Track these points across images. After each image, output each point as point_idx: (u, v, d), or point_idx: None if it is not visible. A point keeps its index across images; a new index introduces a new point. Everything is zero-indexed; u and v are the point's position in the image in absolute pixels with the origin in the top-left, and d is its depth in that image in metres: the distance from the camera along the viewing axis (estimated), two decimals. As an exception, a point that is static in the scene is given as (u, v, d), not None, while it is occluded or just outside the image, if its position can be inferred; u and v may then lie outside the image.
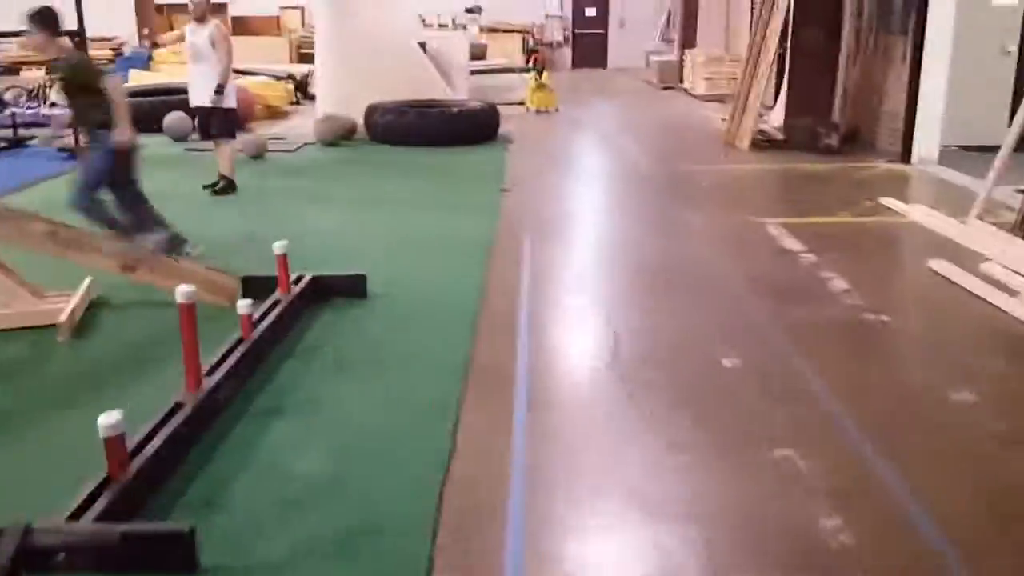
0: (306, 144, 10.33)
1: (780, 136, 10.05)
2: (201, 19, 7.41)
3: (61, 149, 9.31)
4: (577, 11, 24.48)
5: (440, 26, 22.19)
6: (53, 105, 13.27)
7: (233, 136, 7.72)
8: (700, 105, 14.76)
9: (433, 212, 6.94)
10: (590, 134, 12.01)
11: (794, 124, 9.93)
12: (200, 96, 7.53)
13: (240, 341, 3.79)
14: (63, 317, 4.27)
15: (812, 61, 9.77)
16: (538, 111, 13.81)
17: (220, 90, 7.33)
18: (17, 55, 23.02)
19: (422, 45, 13.25)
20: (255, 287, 4.68)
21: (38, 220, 4.36)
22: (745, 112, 10.17)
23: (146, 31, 17.55)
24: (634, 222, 6.91)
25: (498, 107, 11.40)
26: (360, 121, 10.63)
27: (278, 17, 23.80)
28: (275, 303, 4.32)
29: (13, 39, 23.07)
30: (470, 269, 5.33)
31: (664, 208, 7.26)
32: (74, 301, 4.48)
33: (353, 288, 4.85)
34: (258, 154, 9.35)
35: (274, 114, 13.26)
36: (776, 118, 10.97)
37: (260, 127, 11.95)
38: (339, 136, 10.31)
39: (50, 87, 14.43)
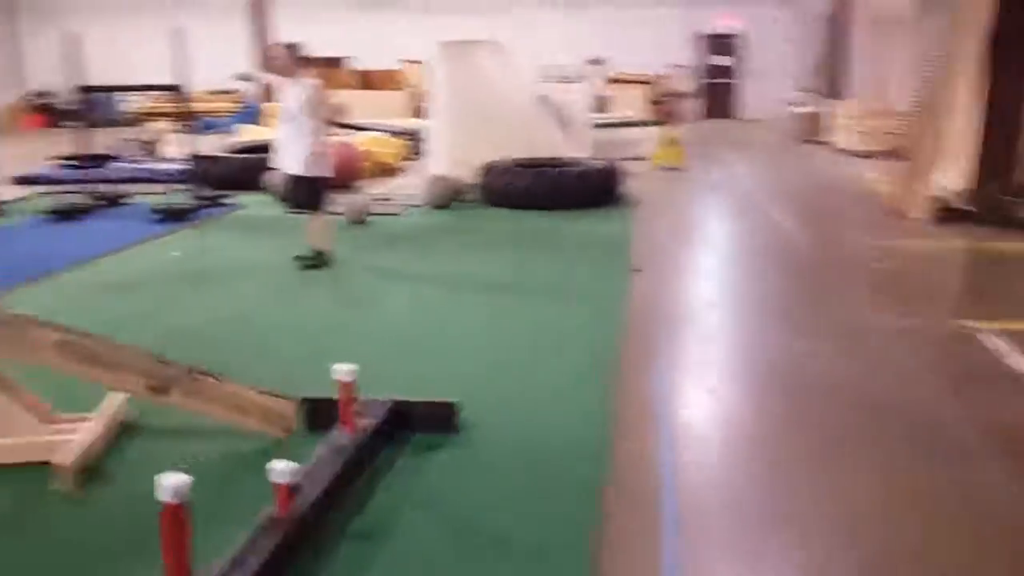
0: (413, 206, 9.43)
1: (965, 205, 8.42)
2: (286, 74, 6.59)
3: (156, 210, 8.70)
4: (706, 59, 23.21)
5: (562, 78, 21.39)
6: (165, 159, 13.03)
7: (322, 208, 6.83)
8: (848, 162, 13.18)
9: (545, 301, 5.74)
10: (726, 196, 10.67)
11: (986, 191, 8.30)
12: (288, 162, 6.70)
13: (272, 524, 2.70)
14: (65, 456, 3.31)
15: (1011, 116, 8.17)
16: (665, 168, 12.57)
17: (313, 159, 6.51)
18: (145, 107, 23.66)
19: (542, 98, 12.30)
20: (320, 415, 3.63)
21: (48, 329, 3.44)
22: (918, 174, 8.63)
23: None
24: (800, 324, 5.45)
25: (622, 165, 10.24)
26: (473, 181, 9.69)
27: (399, 71, 23.58)
28: (329, 457, 3.21)
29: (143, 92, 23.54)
30: (591, 390, 4.12)
31: (837, 304, 5.83)
32: (90, 430, 3.54)
33: (441, 420, 3.72)
34: (359, 219, 8.49)
35: (385, 171, 12.52)
36: (952, 182, 9.35)
37: (368, 186, 11.19)
38: (449, 198, 9.36)
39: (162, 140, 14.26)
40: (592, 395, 4.06)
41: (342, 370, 3.39)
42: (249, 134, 13.54)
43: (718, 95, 23.19)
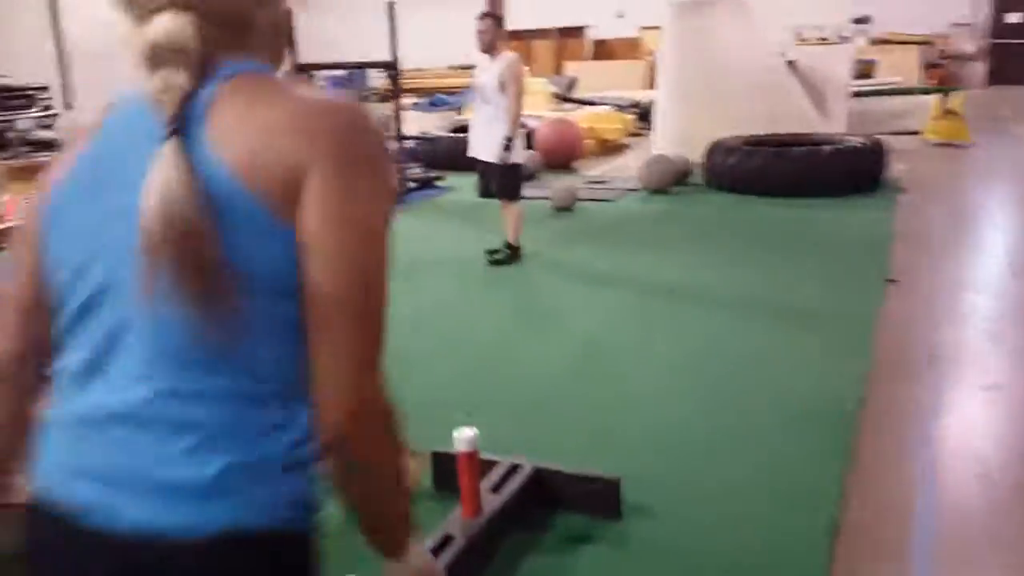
0: (629, 190, 8.43)
1: None
2: (490, 50, 5.80)
3: None
4: (995, 16, 19.90)
5: (820, 40, 19.20)
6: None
7: (518, 198, 6.04)
8: None
9: (767, 323, 4.51)
10: (1020, 183, 8.66)
11: None
12: (481, 147, 5.97)
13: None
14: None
15: None
16: (941, 144, 10.58)
17: (508, 145, 5.70)
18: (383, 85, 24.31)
19: (791, 64, 10.77)
20: (452, 475, 2.84)
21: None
22: None
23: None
24: None
25: (887, 142, 8.58)
26: (698, 161, 8.52)
27: (638, 39, 22.41)
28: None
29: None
30: (815, 472, 2.99)
31: None
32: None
33: (597, 500, 2.79)
34: (566, 206, 7.65)
35: (609, 149, 11.60)
36: None
37: (587, 166, 10.33)
38: (669, 182, 8.26)
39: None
40: (817, 480, 2.92)
41: (463, 439, 2.56)
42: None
43: (1009, 57, 19.82)
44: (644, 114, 13.19)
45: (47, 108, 14.04)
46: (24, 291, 1.00)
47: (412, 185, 8.85)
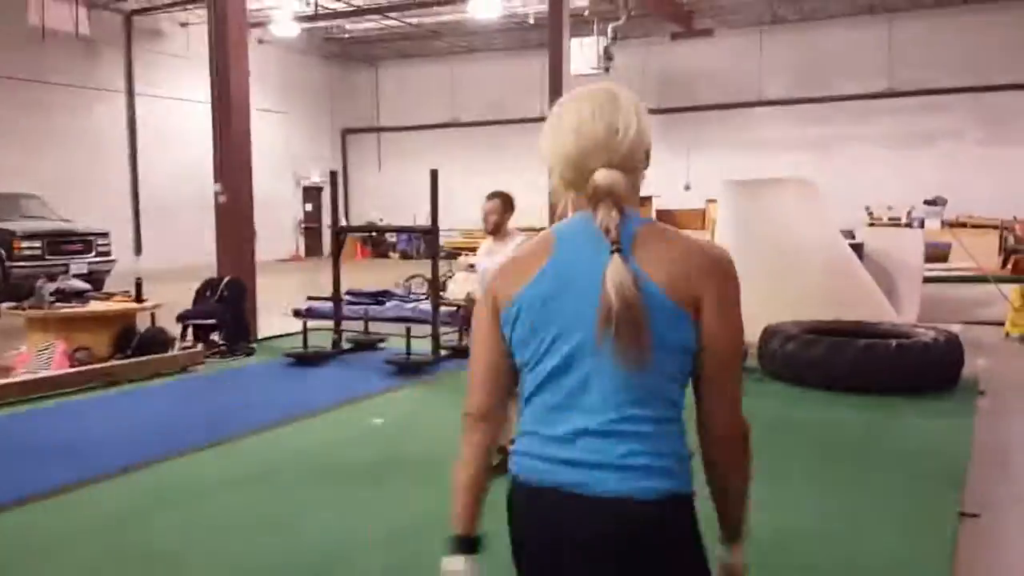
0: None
1: None
2: (497, 232, 5.17)
3: (390, 362, 7.93)
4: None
5: (891, 220, 18.71)
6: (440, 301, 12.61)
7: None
8: None
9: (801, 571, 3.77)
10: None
11: None
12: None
13: None
14: None
15: None
16: (1025, 341, 9.72)
17: None
18: (462, 241, 24.55)
19: (857, 247, 10.22)
20: None
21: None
22: None
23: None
24: None
25: (963, 335, 7.82)
26: (755, 344, 7.86)
27: (703, 210, 22.32)
28: None
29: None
30: None
31: None
32: None
33: None
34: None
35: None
36: None
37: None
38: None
39: (450, 277, 13.99)
40: None
41: None
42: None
43: (1099, 244, 18.87)
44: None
45: (103, 254, 14.35)
46: (494, 361, 1.58)
47: (447, 353, 8.40)
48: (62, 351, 7.75)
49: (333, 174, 8.89)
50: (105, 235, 14.13)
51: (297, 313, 11.99)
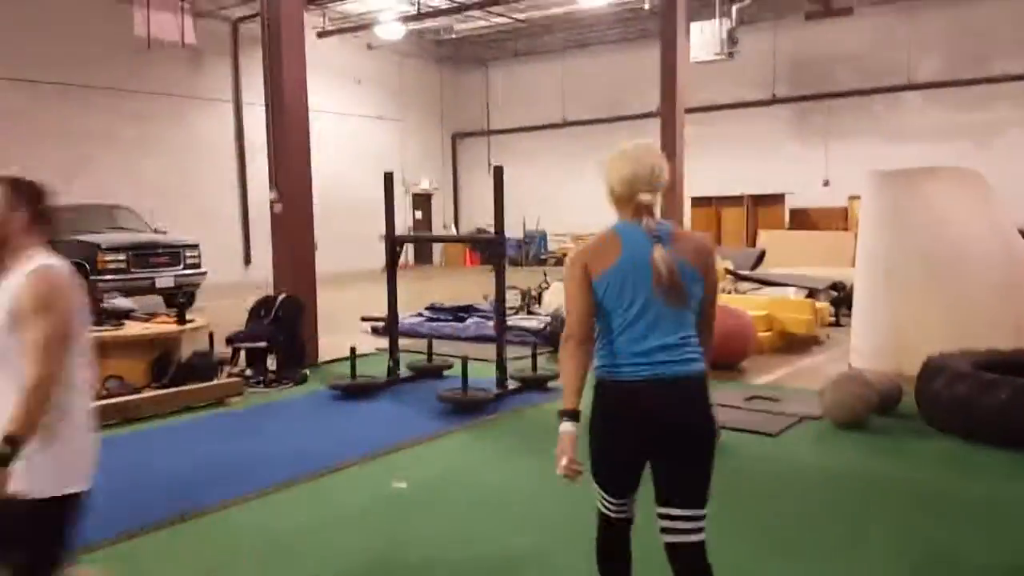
0: (806, 418, 6.13)
1: None
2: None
3: (444, 398, 6.62)
4: None
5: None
6: (538, 314, 11.25)
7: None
8: None
9: None
10: None
11: None
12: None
13: None
14: None
15: None
16: None
17: None
18: (571, 247, 23.15)
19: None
20: None
21: None
22: None
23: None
24: None
25: None
26: (911, 374, 6.11)
27: (846, 208, 20.00)
28: None
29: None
30: None
31: None
32: None
33: None
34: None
35: (793, 345, 9.30)
36: None
37: (759, 368, 8.10)
38: (862, 415, 5.89)
39: (547, 288, 12.62)
40: None
41: None
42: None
43: None
44: (847, 299, 10.80)
45: (192, 266, 13.79)
46: (587, 306, 2.55)
47: (514, 386, 7.06)
48: (86, 382, 6.87)
49: (388, 176, 7.68)
50: (194, 247, 13.54)
51: (375, 330, 10.97)
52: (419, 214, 25.06)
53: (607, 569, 2.76)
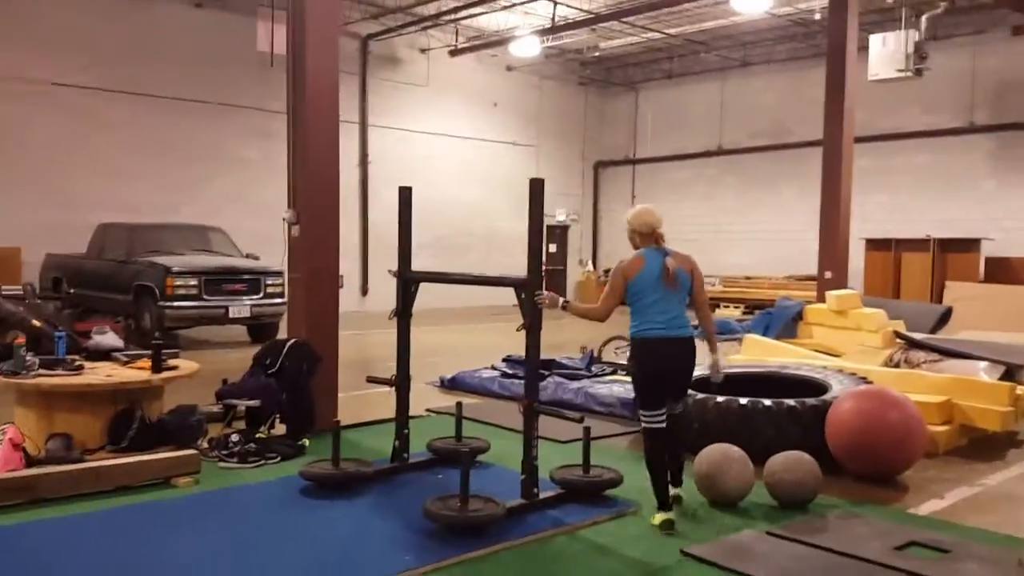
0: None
1: None
2: None
3: (431, 515, 4.58)
4: None
5: None
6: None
7: None
8: None
9: None
10: None
11: None
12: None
13: None
14: None
15: None
16: None
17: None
18: (722, 290, 20.50)
19: None
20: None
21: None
22: None
23: (827, 274, 12.45)
24: None
25: None
26: None
27: (1062, 259, 16.38)
28: None
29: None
30: None
31: None
32: None
33: None
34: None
35: (981, 445, 6.69)
36: None
37: (926, 485, 5.62)
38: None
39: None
40: None
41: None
42: (754, 350, 8.84)
43: None
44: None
45: (273, 295, 12.55)
46: (616, 295, 4.73)
47: (551, 492, 4.96)
48: (10, 440, 5.43)
49: (405, 190, 5.75)
50: (277, 274, 12.24)
51: (443, 383, 9.18)
52: (553, 247, 23.22)
53: (659, 465, 4.74)
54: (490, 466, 5.78)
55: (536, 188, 4.92)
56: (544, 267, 23.90)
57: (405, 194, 5.64)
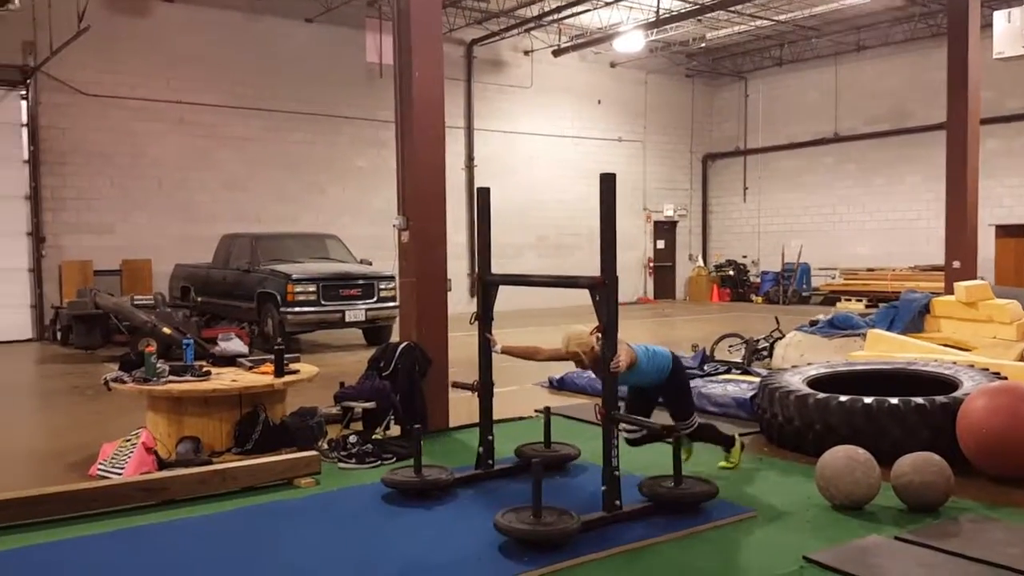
0: None
1: None
2: None
3: (501, 529, 4.44)
4: None
5: None
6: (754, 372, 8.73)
7: None
8: None
9: None
10: None
11: None
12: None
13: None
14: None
15: None
16: None
17: None
18: (843, 283, 19.73)
19: None
20: None
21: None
22: None
23: (955, 263, 11.77)
24: None
25: None
26: None
27: None
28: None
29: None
30: None
31: None
32: None
33: None
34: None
35: None
36: None
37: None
38: None
39: (779, 339, 10.07)
40: None
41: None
42: (879, 345, 8.45)
43: None
44: None
45: (386, 299, 12.84)
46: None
47: (637, 504, 4.80)
48: (143, 444, 5.75)
49: (483, 192, 5.71)
50: (390, 279, 12.56)
51: (551, 383, 9.18)
52: (661, 244, 22.90)
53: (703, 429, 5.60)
54: (584, 467, 5.70)
55: (607, 183, 4.72)
56: (651, 264, 23.64)
57: (483, 196, 5.56)
